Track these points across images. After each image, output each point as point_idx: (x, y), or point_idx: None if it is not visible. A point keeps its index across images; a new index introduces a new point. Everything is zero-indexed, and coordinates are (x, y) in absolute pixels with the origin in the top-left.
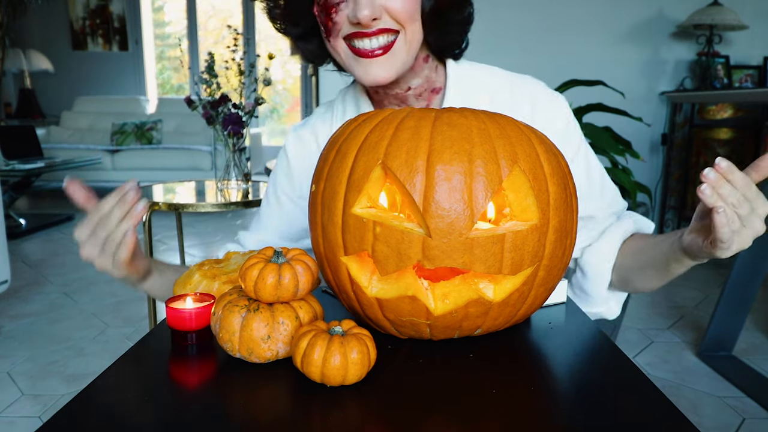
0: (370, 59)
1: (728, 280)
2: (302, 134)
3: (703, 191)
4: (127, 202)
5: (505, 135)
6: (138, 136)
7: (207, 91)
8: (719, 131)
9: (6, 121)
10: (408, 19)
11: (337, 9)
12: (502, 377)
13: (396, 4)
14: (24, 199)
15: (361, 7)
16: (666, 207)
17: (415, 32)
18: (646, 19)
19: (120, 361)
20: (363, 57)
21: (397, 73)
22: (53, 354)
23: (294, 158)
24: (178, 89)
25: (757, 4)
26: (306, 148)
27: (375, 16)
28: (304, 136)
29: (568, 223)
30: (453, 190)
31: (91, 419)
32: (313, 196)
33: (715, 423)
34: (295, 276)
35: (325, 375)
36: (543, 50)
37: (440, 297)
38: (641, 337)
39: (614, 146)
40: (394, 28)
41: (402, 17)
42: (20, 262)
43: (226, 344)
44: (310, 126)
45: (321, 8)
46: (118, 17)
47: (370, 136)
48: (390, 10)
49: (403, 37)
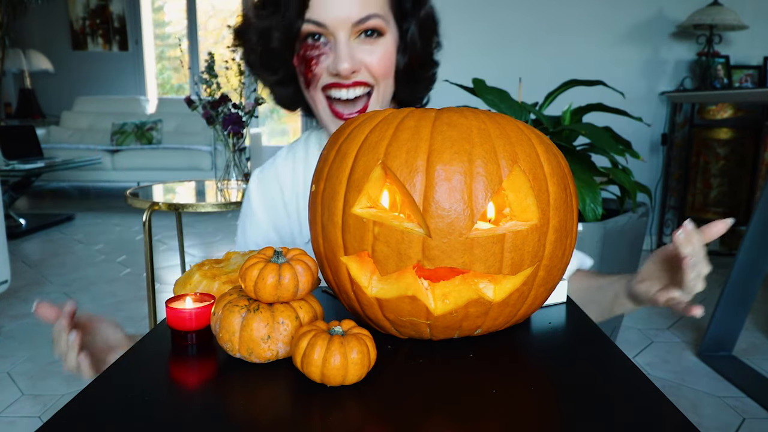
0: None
1: (728, 280)
2: (265, 177)
3: (679, 237)
4: (62, 330)
5: (505, 135)
6: (138, 136)
7: (207, 91)
8: (719, 131)
9: (6, 121)
10: (383, 75)
11: (317, 61)
12: (502, 377)
13: (374, 60)
14: (24, 199)
15: (341, 60)
16: (666, 207)
17: (387, 87)
18: (646, 19)
19: (120, 361)
20: (339, 119)
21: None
22: (53, 354)
23: (257, 205)
24: (178, 89)
25: (757, 4)
26: (269, 191)
27: (354, 69)
28: (267, 178)
29: (568, 223)
30: (453, 190)
31: (91, 419)
32: (313, 196)
33: (715, 423)
34: (295, 276)
35: (325, 375)
36: (543, 50)
37: (440, 297)
38: (641, 337)
39: (614, 146)
40: (369, 82)
41: (378, 73)
42: (20, 262)
43: (226, 344)
44: (273, 169)
45: (301, 59)
46: (118, 17)
47: (370, 136)
48: (368, 65)
49: (377, 94)
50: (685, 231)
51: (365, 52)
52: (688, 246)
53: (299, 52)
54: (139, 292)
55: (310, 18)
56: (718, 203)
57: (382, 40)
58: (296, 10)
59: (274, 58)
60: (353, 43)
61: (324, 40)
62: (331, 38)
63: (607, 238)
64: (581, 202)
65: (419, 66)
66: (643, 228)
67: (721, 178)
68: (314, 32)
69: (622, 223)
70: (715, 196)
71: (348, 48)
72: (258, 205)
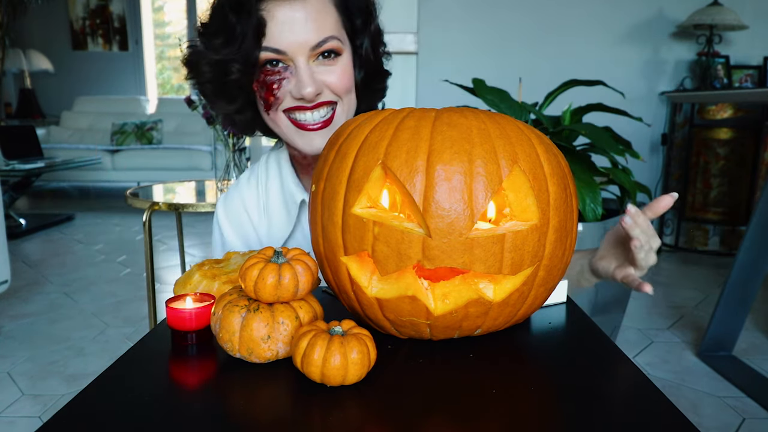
0: (313, 131)
1: (728, 280)
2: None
3: (626, 221)
4: None
5: (505, 135)
6: (138, 136)
7: None
8: (719, 131)
9: (6, 121)
10: (345, 92)
11: (279, 85)
12: (502, 377)
13: (334, 80)
14: (24, 199)
15: (304, 85)
16: None
17: (351, 101)
18: (646, 19)
19: (120, 361)
20: (305, 130)
21: None
22: (53, 354)
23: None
24: (178, 89)
25: (757, 4)
26: (238, 219)
27: (318, 91)
28: (233, 205)
29: (568, 223)
30: (453, 190)
31: (91, 419)
32: (313, 196)
33: (715, 423)
34: (295, 276)
35: (325, 375)
36: (543, 50)
37: (440, 297)
38: (641, 337)
39: (614, 146)
40: (333, 100)
41: (340, 90)
42: (20, 262)
43: (226, 344)
44: (238, 196)
45: (261, 84)
46: (118, 17)
47: (370, 136)
48: (330, 85)
49: (341, 107)
50: (630, 215)
51: (325, 72)
52: (635, 229)
53: (259, 77)
54: (139, 292)
55: (267, 46)
56: (718, 203)
57: (339, 59)
58: (253, 39)
59: (232, 88)
60: (312, 65)
61: (283, 65)
62: (290, 63)
63: None
64: (581, 202)
65: (374, 79)
66: None
67: (721, 178)
68: (273, 59)
69: None
70: (715, 196)
71: (309, 71)
72: (229, 231)
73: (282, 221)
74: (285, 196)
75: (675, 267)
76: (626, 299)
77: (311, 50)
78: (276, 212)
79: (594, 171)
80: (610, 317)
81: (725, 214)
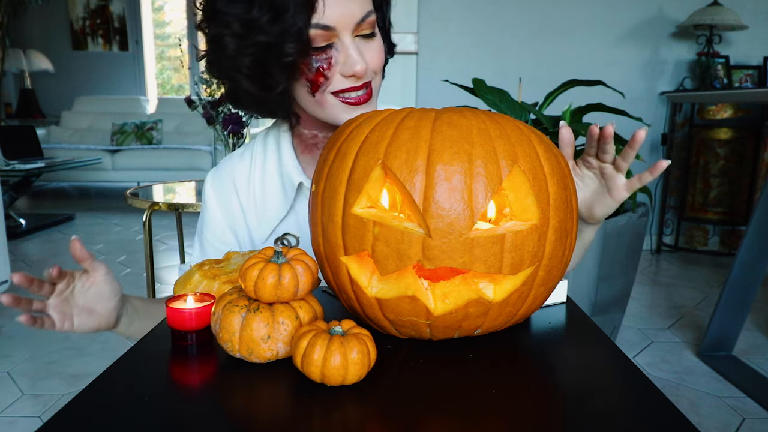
0: (360, 105)
1: (728, 280)
2: (221, 179)
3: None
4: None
5: (505, 135)
6: (138, 136)
7: (207, 91)
8: (719, 131)
9: (6, 121)
10: (380, 68)
11: (329, 64)
12: (502, 377)
13: (374, 56)
14: (24, 199)
15: (356, 62)
16: (666, 207)
17: (379, 79)
18: (646, 19)
19: (120, 361)
20: (354, 105)
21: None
22: (53, 354)
23: (212, 203)
24: (178, 89)
25: (757, 4)
26: (225, 193)
27: (365, 68)
28: (222, 179)
29: (568, 223)
30: (453, 190)
31: (91, 419)
32: (313, 196)
33: (715, 423)
34: (295, 276)
35: (325, 375)
36: (543, 50)
37: (440, 297)
38: (641, 337)
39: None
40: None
41: (377, 67)
42: (20, 262)
43: (226, 344)
44: (229, 170)
45: (309, 68)
46: (118, 17)
47: (370, 136)
48: (370, 62)
49: (375, 83)
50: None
51: (367, 50)
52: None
53: (305, 60)
54: (139, 292)
55: (317, 23)
56: (718, 203)
57: (375, 36)
58: (304, 14)
59: (278, 73)
60: (357, 42)
61: (326, 45)
62: (335, 40)
63: (607, 238)
64: None
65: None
66: (643, 228)
67: (721, 178)
68: (319, 37)
69: (622, 223)
70: (715, 196)
71: (356, 47)
72: (214, 205)
73: (277, 203)
74: (283, 177)
75: (675, 267)
76: (626, 299)
77: (356, 26)
78: (272, 193)
79: None
80: (610, 317)
81: (725, 214)
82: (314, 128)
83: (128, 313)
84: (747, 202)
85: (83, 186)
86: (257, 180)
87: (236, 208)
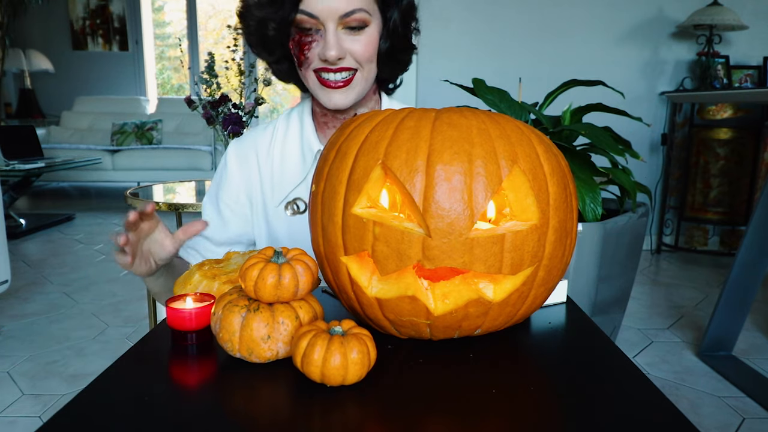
0: (334, 89)
1: (728, 280)
2: (243, 146)
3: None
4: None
5: (505, 135)
6: (138, 136)
7: (207, 91)
8: (719, 131)
9: (6, 121)
10: (366, 61)
11: (309, 47)
12: (502, 377)
13: (358, 48)
14: (24, 199)
15: (329, 48)
16: (666, 207)
17: (371, 70)
18: (646, 19)
19: (120, 361)
20: (328, 87)
21: (353, 101)
22: (53, 354)
23: (233, 166)
24: (178, 89)
25: (757, 4)
26: (246, 159)
27: (340, 56)
28: (245, 147)
29: (568, 223)
30: (453, 190)
31: (91, 419)
32: (313, 196)
33: (715, 423)
34: (295, 276)
35: (325, 375)
36: (543, 50)
37: (440, 297)
38: (641, 337)
39: (614, 146)
40: (353, 67)
41: (362, 59)
42: (20, 261)
43: (226, 344)
44: (252, 139)
45: (295, 44)
46: (118, 17)
47: (370, 136)
48: (353, 53)
49: (361, 74)
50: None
51: (350, 41)
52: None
53: (294, 37)
54: (139, 292)
55: (303, 9)
56: (717, 203)
57: (366, 30)
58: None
59: (270, 43)
60: (340, 32)
61: (315, 29)
62: (321, 27)
63: (606, 238)
64: (581, 202)
65: (400, 50)
66: (643, 228)
67: (721, 178)
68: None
69: (621, 223)
70: (715, 196)
71: (335, 37)
72: (234, 168)
73: (295, 169)
74: (303, 144)
75: (675, 267)
76: (626, 299)
77: (340, 18)
78: (290, 159)
79: (594, 171)
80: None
81: (725, 214)
82: (321, 106)
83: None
84: (747, 202)
85: (83, 186)
86: (277, 150)
87: (254, 175)
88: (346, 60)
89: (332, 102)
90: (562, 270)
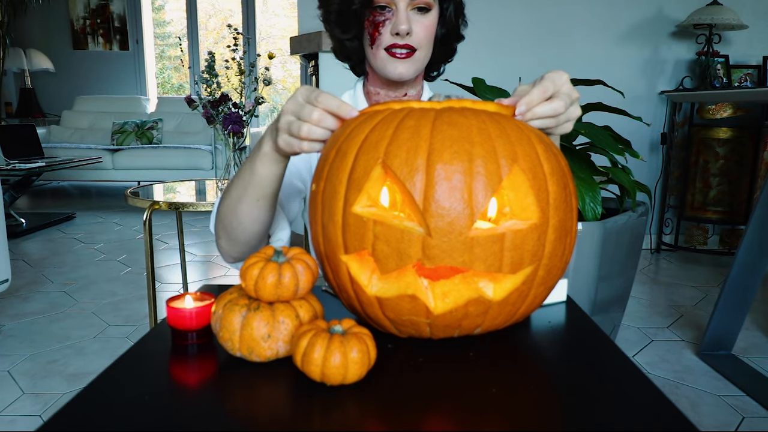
0: (399, 60)
1: (728, 279)
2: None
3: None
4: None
5: (505, 134)
6: (138, 136)
7: (207, 90)
8: (719, 131)
9: (6, 120)
10: (426, 41)
11: (383, 24)
12: (502, 376)
13: (421, 29)
14: (24, 199)
15: (401, 22)
16: (666, 206)
17: (428, 52)
18: (646, 18)
19: (120, 361)
20: (395, 57)
21: (413, 74)
22: (54, 353)
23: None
24: (179, 89)
25: (757, 4)
26: None
27: (408, 31)
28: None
29: (568, 222)
30: (453, 189)
31: (91, 418)
32: (313, 195)
33: (715, 422)
34: (296, 275)
35: (325, 374)
36: (543, 50)
37: (440, 296)
38: (641, 336)
39: (614, 145)
40: (415, 46)
41: (422, 39)
42: (21, 261)
43: (226, 343)
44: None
45: (370, 23)
46: (119, 17)
47: (370, 136)
48: (416, 32)
49: (420, 53)
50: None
51: (416, 21)
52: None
53: (369, 17)
54: (139, 291)
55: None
56: (717, 203)
57: (429, 14)
58: None
59: (351, 19)
60: (409, 12)
61: (388, 9)
62: (393, 7)
63: (606, 238)
64: (581, 201)
65: (451, 38)
66: (643, 227)
67: (721, 177)
68: (381, 3)
69: (621, 222)
70: (714, 195)
71: (406, 14)
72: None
73: None
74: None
75: (674, 266)
76: (626, 298)
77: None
78: None
79: (593, 170)
80: (610, 316)
81: (725, 213)
82: (376, 85)
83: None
84: (747, 201)
85: (84, 185)
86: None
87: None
88: (411, 38)
89: (397, 72)
90: (561, 269)
